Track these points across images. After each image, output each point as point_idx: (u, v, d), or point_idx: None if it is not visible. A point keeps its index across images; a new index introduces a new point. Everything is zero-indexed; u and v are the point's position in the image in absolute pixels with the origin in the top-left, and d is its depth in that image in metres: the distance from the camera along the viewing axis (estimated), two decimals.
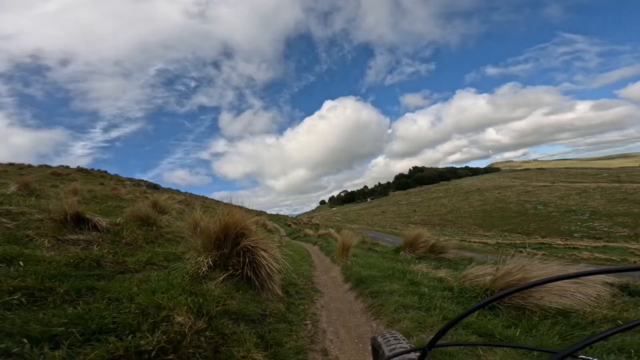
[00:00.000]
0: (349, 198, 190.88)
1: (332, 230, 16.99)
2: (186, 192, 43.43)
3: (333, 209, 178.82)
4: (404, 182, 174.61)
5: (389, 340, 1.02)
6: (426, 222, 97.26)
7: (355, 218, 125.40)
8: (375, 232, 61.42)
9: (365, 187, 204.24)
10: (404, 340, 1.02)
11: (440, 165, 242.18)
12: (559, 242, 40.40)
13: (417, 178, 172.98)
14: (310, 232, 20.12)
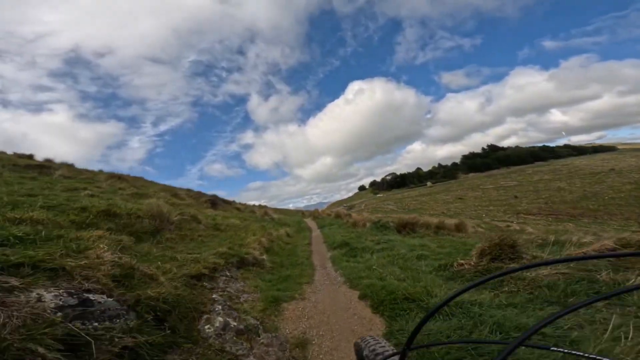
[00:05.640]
0: (398, 182, 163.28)
1: None
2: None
3: (378, 195, 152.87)
4: (479, 162, 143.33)
5: (370, 343, 1.14)
6: (546, 211, 71.27)
7: (417, 207, 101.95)
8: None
9: (419, 169, 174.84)
10: (385, 342, 1.14)
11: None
12: None
13: (500, 158, 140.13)
14: None
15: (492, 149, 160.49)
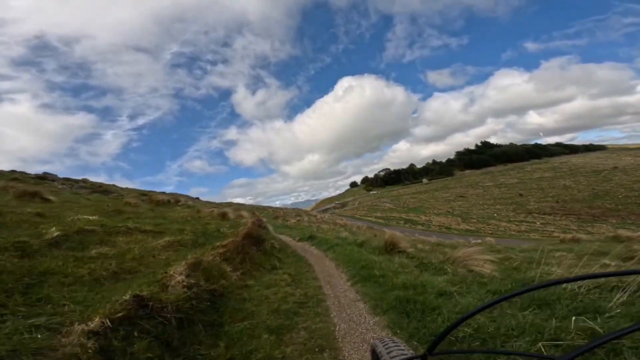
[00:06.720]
0: (393, 179, 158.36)
1: None
2: None
3: (373, 192, 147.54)
4: (475, 158, 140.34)
5: (388, 345, 1.09)
6: (561, 211, 68.79)
7: (417, 205, 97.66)
8: None
9: (413, 165, 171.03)
10: (404, 345, 1.09)
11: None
12: None
13: (496, 154, 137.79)
14: None
15: (486, 145, 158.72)
